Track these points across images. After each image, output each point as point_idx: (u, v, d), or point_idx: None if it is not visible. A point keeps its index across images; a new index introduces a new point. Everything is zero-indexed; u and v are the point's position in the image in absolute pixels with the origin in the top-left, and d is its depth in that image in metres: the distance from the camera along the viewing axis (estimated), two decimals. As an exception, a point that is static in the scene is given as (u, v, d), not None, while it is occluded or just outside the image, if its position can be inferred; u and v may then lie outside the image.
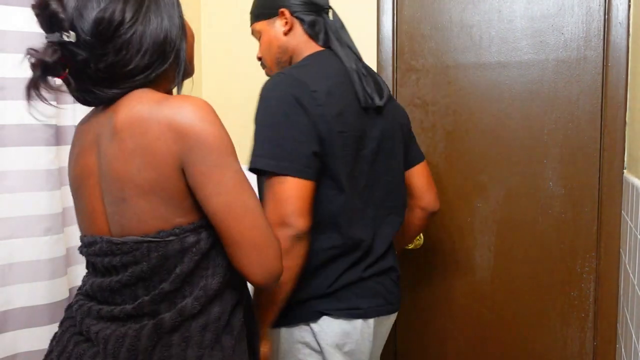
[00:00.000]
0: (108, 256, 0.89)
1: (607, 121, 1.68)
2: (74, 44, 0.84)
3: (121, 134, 0.84)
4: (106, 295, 0.91)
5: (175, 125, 0.82)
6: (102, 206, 0.91)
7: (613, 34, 1.65)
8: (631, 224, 1.43)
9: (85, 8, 0.83)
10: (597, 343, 1.74)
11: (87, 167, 0.92)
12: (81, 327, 0.91)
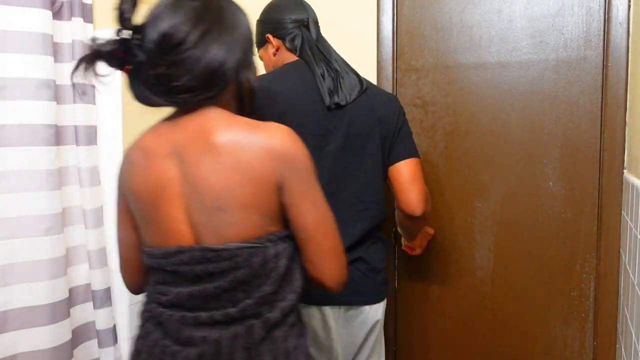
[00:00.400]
0: (202, 264, 0.92)
1: (607, 121, 1.68)
2: (137, 45, 0.94)
3: (220, 151, 0.91)
4: (197, 302, 0.93)
5: (274, 149, 0.91)
6: (184, 216, 0.94)
7: (613, 34, 1.65)
8: (631, 224, 1.43)
9: (160, 19, 0.95)
10: (597, 343, 1.74)
11: (164, 177, 0.95)
12: (179, 336, 0.94)
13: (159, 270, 0.97)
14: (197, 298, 0.93)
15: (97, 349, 1.74)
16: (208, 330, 0.92)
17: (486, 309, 1.86)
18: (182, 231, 0.94)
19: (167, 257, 0.95)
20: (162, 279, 0.97)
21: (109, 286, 1.75)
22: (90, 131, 1.70)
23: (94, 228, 1.70)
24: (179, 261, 0.93)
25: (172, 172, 0.94)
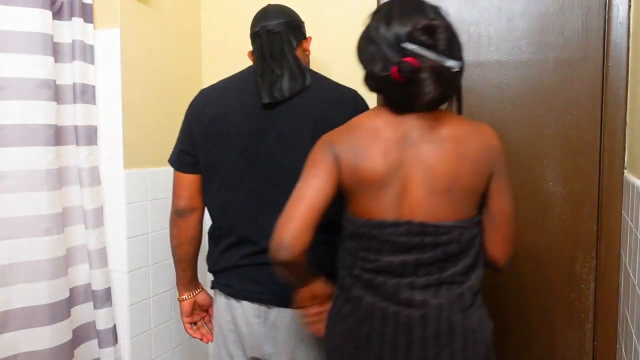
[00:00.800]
0: (419, 236, 1.07)
1: (607, 121, 1.68)
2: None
3: (451, 142, 1.08)
4: (410, 269, 1.08)
5: (491, 144, 1.12)
6: (411, 193, 1.08)
7: (613, 34, 1.65)
8: (631, 224, 1.43)
9: (459, 47, 1.11)
10: (597, 343, 1.74)
11: (397, 159, 1.08)
12: (397, 298, 1.08)
13: (366, 238, 1.10)
14: (410, 266, 1.08)
15: (97, 349, 1.74)
16: (423, 294, 1.07)
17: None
18: (408, 206, 1.08)
19: (383, 227, 1.08)
20: (367, 247, 1.10)
21: (109, 286, 1.75)
22: (90, 131, 1.70)
23: (94, 228, 1.70)
24: (398, 232, 1.07)
25: (405, 155, 1.08)
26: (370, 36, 1.12)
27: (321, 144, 1.16)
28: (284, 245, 1.07)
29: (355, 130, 1.13)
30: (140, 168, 1.83)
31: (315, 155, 1.15)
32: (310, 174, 1.13)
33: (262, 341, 1.40)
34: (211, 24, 2.15)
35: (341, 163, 1.11)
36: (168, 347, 1.99)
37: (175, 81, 2.01)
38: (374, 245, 1.09)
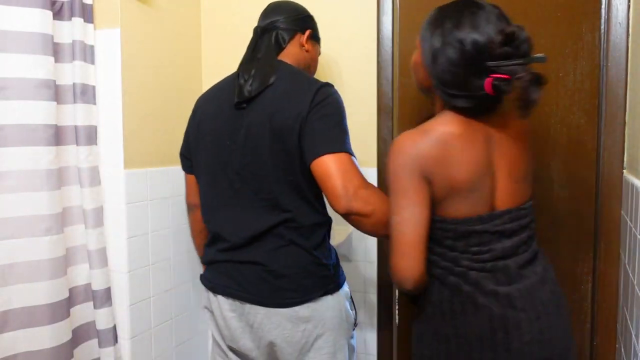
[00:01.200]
0: (516, 221, 1.20)
1: (607, 121, 1.68)
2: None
3: (522, 138, 1.24)
4: (513, 250, 1.19)
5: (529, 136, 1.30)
6: (501, 185, 1.19)
7: (613, 34, 1.65)
8: (631, 224, 1.43)
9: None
10: (597, 343, 1.74)
11: (487, 157, 1.17)
12: (516, 278, 1.18)
13: (476, 234, 1.17)
14: (515, 247, 1.19)
15: (97, 349, 1.74)
16: (529, 268, 1.21)
17: (486, 309, 1.86)
18: (498, 197, 1.19)
19: (491, 219, 1.17)
20: (479, 241, 1.17)
21: (109, 286, 1.75)
22: (90, 131, 1.70)
23: (94, 228, 1.70)
24: (502, 221, 1.18)
25: (491, 153, 1.18)
26: (450, 57, 1.12)
27: (402, 168, 1.13)
28: (407, 283, 1.14)
29: (440, 143, 1.13)
30: (140, 168, 1.83)
31: (403, 184, 1.13)
32: (403, 205, 1.13)
33: (238, 335, 1.44)
34: (211, 24, 2.15)
35: (433, 181, 1.13)
36: (168, 347, 1.99)
37: (175, 81, 2.01)
38: (483, 238, 1.17)
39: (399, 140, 1.15)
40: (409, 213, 1.11)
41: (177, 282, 2.03)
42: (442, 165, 1.12)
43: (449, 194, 1.14)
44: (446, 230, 1.18)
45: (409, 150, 1.13)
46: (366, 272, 1.96)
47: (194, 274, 2.14)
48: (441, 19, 1.16)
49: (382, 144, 1.91)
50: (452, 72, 1.12)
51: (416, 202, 1.12)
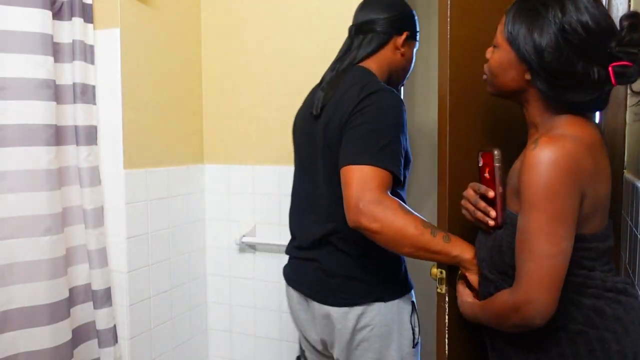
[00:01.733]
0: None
1: (607, 121, 1.67)
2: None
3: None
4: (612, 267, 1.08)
5: None
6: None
7: (613, 34, 1.65)
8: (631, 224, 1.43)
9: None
10: (597, 343, 1.73)
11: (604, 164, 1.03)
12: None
13: (609, 250, 1.04)
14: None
15: (97, 349, 1.74)
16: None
17: (486, 309, 1.85)
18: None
19: (609, 232, 1.04)
20: (609, 259, 1.04)
21: (109, 286, 1.75)
22: (90, 131, 1.70)
23: (94, 228, 1.70)
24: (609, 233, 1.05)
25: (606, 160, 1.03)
26: (563, 46, 0.99)
27: (560, 187, 0.94)
28: (539, 319, 0.97)
29: (592, 152, 0.98)
30: (140, 168, 1.83)
31: (561, 207, 0.95)
32: (562, 234, 0.95)
33: (305, 327, 1.50)
34: (211, 24, 2.15)
35: (586, 197, 0.97)
36: (168, 347, 1.99)
37: (175, 81, 2.01)
38: (609, 253, 1.06)
39: (551, 150, 0.94)
40: (567, 244, 0.94)
41: (177, 282, 2.03)
42: (595, 176, 0.97)
43: (596, 209, 0.99)
44: (587, 249, 1.00)
45: (568, 162, 0.93)
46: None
47: (194, 274, 2.14)
48: (537, 8, 1.02)
49: (382, 144, 1.91)
50: (569, 62, 0.98)
51: (573, 230, 0.95)
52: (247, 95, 2.12)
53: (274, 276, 2.10)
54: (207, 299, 2.22)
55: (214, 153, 2.18)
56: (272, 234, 2.09)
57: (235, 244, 2.14)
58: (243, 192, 2.13)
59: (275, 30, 2.04)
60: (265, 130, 2.08)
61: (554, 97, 1.03)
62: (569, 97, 1.01)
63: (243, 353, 2.18)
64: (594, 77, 0.97)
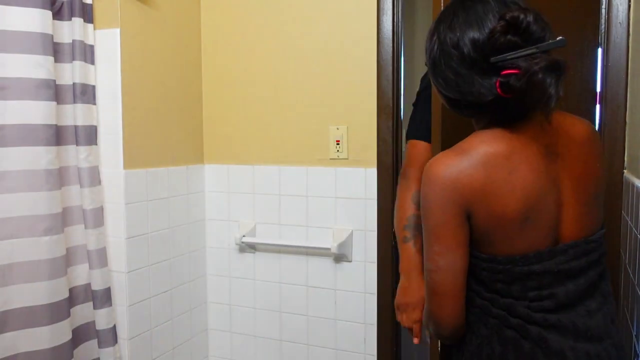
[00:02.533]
0: (585, 256, 0.95)
1: (607, 121, 1.67)
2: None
3: (588, 143, 0.98)
4: (580, 295, 0.95)
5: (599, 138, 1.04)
6: (565, 209, 0.95)
7: (613, 34, 1.65)
8: (631, 224, 1.43)
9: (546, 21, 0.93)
10: (597, 343, 1.73)
11: (547, 177, 0.93)
12: (584, 335, 0.94)
13: (535, 276, 0.93)
14: (582, 292, 0.94)
15: (97, 349, 1.74)
16: (597, 319, 0.95)
17: (486, 309, 1.85)
18: (564, 226, 0.95)
19: (553, 256, 0.93)
20: (538, 285, 0.93)
21: (109, 286, 1.75)
22: (90, 131, 1.70)
23: (94, 228, 1.70)
24: (567, 258, 0.93)
25: (554, 170, 0.94)
26: (449, 64, 0.93)
27: (436, 202, 0.92)
28: (444, 331, 0.98)
29: (482, 166, 0.91)
30: (140, 168, 1.83)
31: (437, 223, 0.93)
32: (437, 251, 0.94)
33: None
34: (211, 24, 2.15)
35: (475, 214, 0.92)
36: (168, 347, 1.99)
37: (175, 81, 2.01)
38: (544, 280, 0.93)
39: (431, 164, 0.93)
40: (445, 261, 0.92)
41: (177, 282, 2.03)
42: (487, 194, 0.90)
43: (497, 226, 0.92)
44: (497, 272, 0.94)
45: (443, 177, 0.91)
46: (366, 272, 1.95)
47: (194, 274, 2.14)
48: (436, 23, 0.98)
49: (382, 143, 1.91)
50: (453, 80, 0.93)
51: (453, 247, 0.92)
52: (247, 95, 2.12)
53: (274, 276, 2.10)
54: (207, 299, 2.22)
55: (214, 153, 2.18)
56: (272, 234, 2.09)
57: (235, 244, 2.14)
58: (243, 192, 2.13)
59: (275, 30, 2.04)
60: (265, 130, 2.09)
61: (459, 113, 0.99)
62: (465, 113, 0.98)
63: (243, 353, 2.19)
64: (483, 92, 0.91)
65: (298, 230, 2.05)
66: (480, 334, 0.98)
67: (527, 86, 0.86)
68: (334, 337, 2.01)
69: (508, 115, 0.94)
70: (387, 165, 1.91)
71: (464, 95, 0.93)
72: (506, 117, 0.94)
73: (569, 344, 0.92)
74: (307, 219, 2.03)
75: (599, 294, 0.97)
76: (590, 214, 0.97)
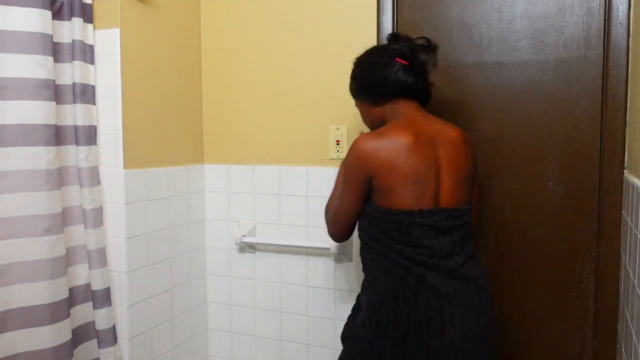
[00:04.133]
0: (452, 220, 1.34)
1: (607, 121, 1.68)
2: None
3: (460, 144, 1.40)
4: (448, 249, 1.33)
5: (472, 143, 1.48)
6: (443, 185, 1.34)
7: (613, 34, 1.65)
8: (631, 223, 1.43)
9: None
10: (597, 343, 1.74)
11: (430, 157, 1.32)
12: (447, 272, 1.32)
13: (416, 227, 1.30)
14: (450, 245, 1.34)
15: (96, 349, 1.74)
16: (465, 270, 1.35)
17: (486, 309, 1.86)
18: (442, 196, 1.34)
19: (431, 215, 1.31)
20: (420, 234, 1.31)
21: (109, 286, 1.75)
22: (90, 131, 1.70)
23: (94, 228, 1.70)
24: (440, 218, 1.32)
25: (433, 154, 1.33)
26: (369, 69, 1.45)
27: (352, 166, 1.35)
28: (338, 241, 1.51)
29: (389, 150, 1.31)
30: (140, 168, 1.83)
31: (350, 180, 1.37)
32: (346, 197, 1.39)
33: None
34: (211, 24, 2.15)
35: (377, 177, 1.33)
36: (168, 347, 1.99)
37: (175, 81, 2.01)
38: (425, 232, 1.31)
39: (356, 140, 1.34)
40: (348, 204, 1.38)
41: (177, 282, 2.03)
42: (389, 165, 1.29)
43: (393, 186, 1.30)
44: (392, 221, 1.31)
45: (360, 150, 1.32)
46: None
47: (194, 274, 2.14)
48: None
49: (382, 144, 1.91)
50: (368, 73, 1.46)
51: (354, 197, 1.36)
52: (247, 95, 2.12)
53: (274, 276, 2.10)
54: (207, 299, 2.22)
55: (214, 153, 2.18)
56: (272, 234, 2.09)
57: (235, 244, 2.14)
58: (243, 192, 2.13)
59: (275, 30, 2.04)
60: (265, 130, 2.09)
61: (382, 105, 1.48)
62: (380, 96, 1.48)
63: (243, 353, 2.18)
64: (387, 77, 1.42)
65: (298, 230, 2.05)
66: (381, 274, 1.35)
67: (413, 60, 1.42)
68: (334, 337, 2.01)
69: (412, 94, 1.42)
70: (387, 165, 1.91)
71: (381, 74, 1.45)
72: (411, 95, 1.42)
73: (442, 280, 1.30)
74: (307, 219, 2.03)
75: (464, 253, 1.36)
76: (461, 191, 1.38)
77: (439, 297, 1.28)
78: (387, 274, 1.33)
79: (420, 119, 1.39)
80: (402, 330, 1.28)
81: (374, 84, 1.43)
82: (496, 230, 1.83)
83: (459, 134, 1.42)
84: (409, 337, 1.28)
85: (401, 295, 1.29)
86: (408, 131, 1.32)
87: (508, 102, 1.79)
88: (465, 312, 1.30)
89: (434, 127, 1.38)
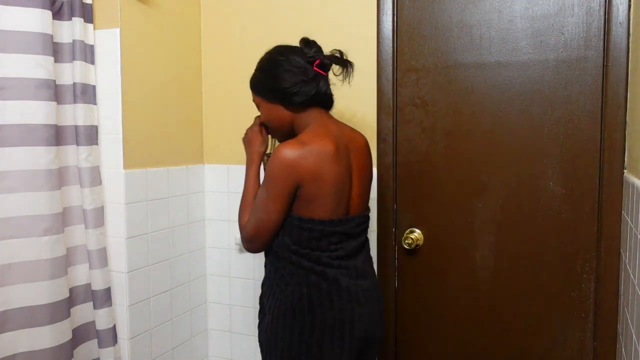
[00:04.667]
0: (361, 225, 1.44)
1: (607, 121, 1.68)
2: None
3: (365, 150, 1.49)
4: (356, 251, 1.43)
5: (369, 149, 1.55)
6: (355, 192, 1.42)
7: (613, 34, 1.65)
8: (631, 224, 1.43)
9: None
10: (597, 343, 1.74)
11: (347, 166, 1.38)
12: (358, 274, 1.42)
13: (336, 234, 1.36)
14: (358, 247, 1.44)
15: (96, 349, 1.74)
16: (367, 268, 1.47)
17: (486, 309, 1.86)
18: (352, 203, 1.42)
19: (347, 222, 1.38)
20: (337, 240, 1.37)
21: (109, 286, 1.75)
22: (90, 131, 1.70)
23: (94, 228, 1.70)
24: (353, 224, 1.41)
25: (351, 162, 1.40)
26: (288, 73, 1.40)
27: (279, 176, 1.32)
28: (248, 249, 1.45)
29: (314, 157, 1.31)
30: (140, 168, 1.83)
31: (277, 190, 1.33)
32: (272, 209, 1.35)
33: None
34: (211, 24, 2.15)
35: (304, 186, 1.32)
36: (168, 347, 1.99)
37: (175, 81, 2.01)
38: (340, 238, 1.38)
39: (279, 148, 1.31)
40: (275, 216, 1.34)
41: (177, 282, 2.03)
42: (314, 174, 1.29)
43: (318, 196, 1.32)
44: (313, 231, 1.34)
45: (285, 159, 1.29)
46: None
47: (194, 274, 2.14)
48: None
49: (382, 144, 1.91)
50: (283, 76, 1.41)
51: (280, 208, 1.33)
52: (247, 95, 2.11)
53: (274, 276, 2.10)
54: (207, 299, 2.22)
55: (214, 153, 2.18)
56: (272, 234, 2.09)
57: (235, 244, 2.14)
58: (243, 192, 2.13)
59: (275, 31, 2.04)
60: (265, 130, 2.08)
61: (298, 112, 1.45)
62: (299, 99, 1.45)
63: (243, 353, 2.18)
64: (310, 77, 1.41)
65: (298, 230, 2.04)
66: (293, 282, 1.36)
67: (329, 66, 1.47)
68: (334, 337, 2.01)
69: (324, 103, 1.44)
70: (387, 165, 1.91)
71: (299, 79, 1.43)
72: (323, 104, 1.43)
73: (352, 281, 1.38)
74: (307, 219, 2.03)
75: (365, 251, 1.48)
76: (365, 196, 1.48)
77: (350, 299, 1.36)
78: (301, 282, 1.35)
79: (332, 125, 1.41)
80: (317, 334, 1.34)
81: (291, 89, 1.37)
82: (496, 230, 1.83)
83: (363, 139, 1.49)
84: (324, 339, 1.34)
85: (316, 301, 1.34)
86: (329, 140, 1.33)
87: (508, 102, 1.79)
88: (369, 312, 1.41)
89: (345, 133, 1.42)
